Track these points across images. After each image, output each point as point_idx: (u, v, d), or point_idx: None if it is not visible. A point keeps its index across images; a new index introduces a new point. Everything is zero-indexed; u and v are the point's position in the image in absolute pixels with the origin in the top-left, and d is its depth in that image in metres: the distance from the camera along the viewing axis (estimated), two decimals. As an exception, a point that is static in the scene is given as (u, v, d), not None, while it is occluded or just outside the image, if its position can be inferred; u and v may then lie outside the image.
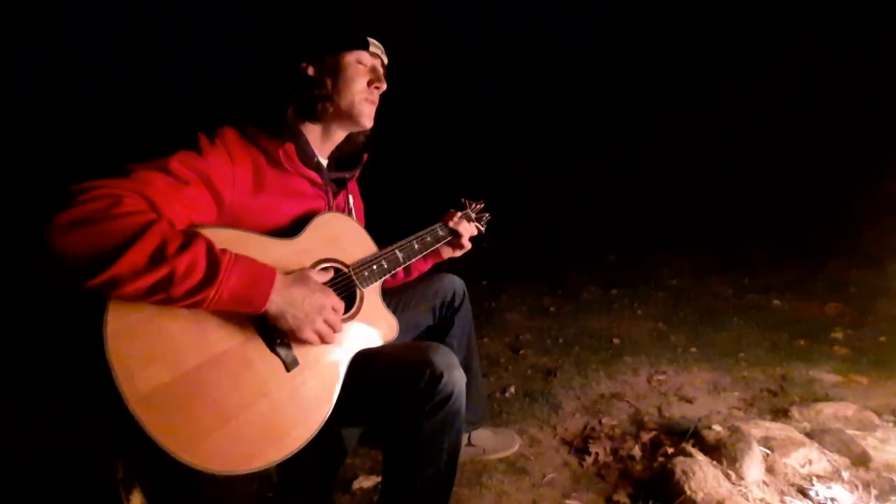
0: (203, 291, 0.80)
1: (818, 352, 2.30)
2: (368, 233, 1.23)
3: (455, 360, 1.05)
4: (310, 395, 0.96)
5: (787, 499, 1.33)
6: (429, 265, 1.53)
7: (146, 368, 0.78)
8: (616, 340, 2.57)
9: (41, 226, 0.74)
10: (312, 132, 1.17)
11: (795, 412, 1.75)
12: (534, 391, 2.07)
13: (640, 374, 2.17)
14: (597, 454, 1.61)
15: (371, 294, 1.15)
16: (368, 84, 1.15)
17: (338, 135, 1.21)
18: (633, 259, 4.13)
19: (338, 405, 1.00)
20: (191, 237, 0.81)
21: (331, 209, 1.18)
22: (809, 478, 1.39)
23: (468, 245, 1.51)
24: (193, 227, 0.88)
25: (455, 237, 1.47)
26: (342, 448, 1.32)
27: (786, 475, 1.40)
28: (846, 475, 1.40)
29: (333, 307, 0.96)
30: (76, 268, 0.74)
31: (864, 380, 2.01)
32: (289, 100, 1.13)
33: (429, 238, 1.39)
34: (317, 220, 1.08)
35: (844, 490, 1.34)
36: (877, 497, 1.33)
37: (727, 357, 2.29)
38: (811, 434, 1.56)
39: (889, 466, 1.43)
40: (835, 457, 1.46)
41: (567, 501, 1.43)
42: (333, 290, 1.04)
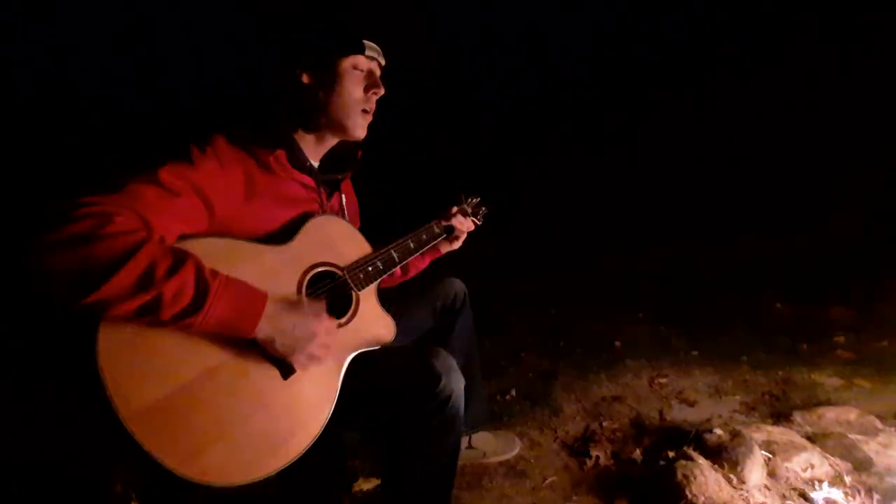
0: (191, 317, 0.79)
1: (821, 355, 2.29)
2: (364, 232, 1.21)
3: (454, 364, 1.05)
4: (308, 402, 0.96)
5: (789, 503, 1.32)
6: (427, 262, 1.52)
7: (140, 384, 0.77)
8: (617, 343, 2.56)
9: (29, 243, 0.74)
10: (305, 139, 1.14)
11: (797, 416, 1.74)
12: (534, 394, 2.07)
13: (642, 377, 2.16)
14: (597, 457, 1.61)
15: (367, 296, 1.14)
16: (365, 90, 1.12)
17: (331, 142, 1.18)
18: (635, 261, 4.12)
19: (337, 409, 0.99)
20: (181, 259, 0.80)
21: (324, 212, 1.16)
22: (811, 482, 1.39)
23: (464, 236, 1.51)
24: (184, 237, 0.88)
25: (451, 234, 1.46)
26: (342, 450, 1.33)
27: (787, 479, 1.40)
28: (848, 480, 1.39)
29: (327, 333, 0.94)
30: (64, 288, 0.73)
31: (867, 384, 2.00)
32: (281, 107, 1.11)
33: (424, 236, 1.38)
34: (309, 224, 1.06)
35: (846, 495, 1.33)
36: (879, 502, 1.32)
37: (729, 360, 2.28)
38: (813, 438, 1.55)
39: (891, 471, 1.42)
40: (837, 461, 1.45)
41: (567, 505, 1.43)
42: (328, 296, 1.04)
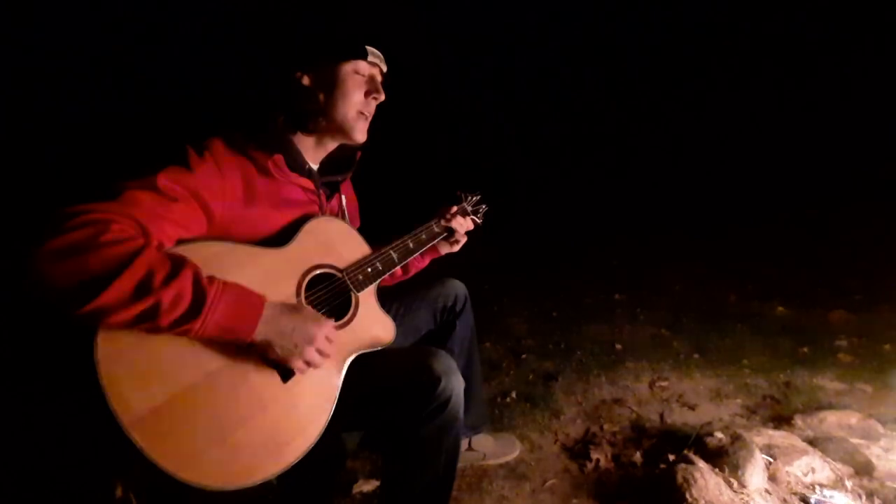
0: (188, 323, 0.79)
1: (822, 359, 2.29)
2: (364, 232, 1.21)
3: (454, 365, 1.05)
4: (307, 405, 0.95)
5: (790, 507, 1.32)
6: (426, 262, 1.51)
7: (140, 390, 0.77)
8: (618, 346, 2.56)
9: (27, 253, 0.74)
10: (303, 142, 1.14)
11: (798, 420, 1.73)
12: (535, 396, 2.06)
13: (642, 380, 2.16)
14: (598, 460, 1.61)
15: (367, 298, 1.14)
16: (366, 95, 1.12)
17: (330, 145, 1.18)
18: (636, 264, 4.11)
19: (336, 410, 0.99)
20: (178, 266, 0.79)
21: (324, 214, 1.15)
22: (812, 486, 1.38)
23: (464, 238, 1.47)
24: (183, 241, 0.88)
25: (451, 233, 1.44)
26: (342, 452, 1.32)
27: (788, 483, 1.39)
28: (849, 484, 1.39)
29: (327, 336, 0.94)
30: (63, 297, 0.73)
31: (869, 388, 2.00)
32: (280, 109, 1.11)
33: (424, 235, 1.36)
34: (308, 226, 1.06)
35: (847, 499, 1.33)
36: (880, 506, 1.32)
37: (730, 364, 2.28)
38: (814, 442, 1.55)
39: (893, 476, 1.42)
40: (838, 465, 1.45)
41: (567, 508, 1.43)
42: (327, 297, 1.04)
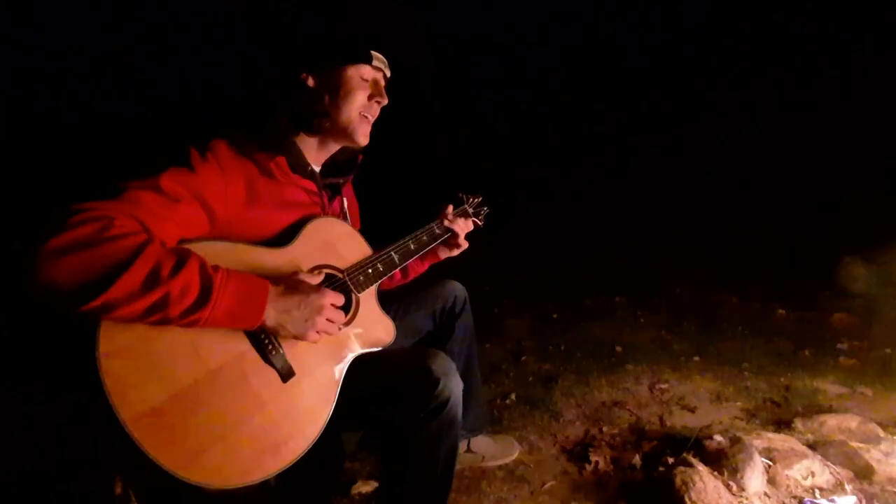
0: (198, 311, 0.80)
1: (823, 362, 2.28)
2: (365, 234, 1.21)
3: (453, 367, 1.05)
4: (306, 405, 0.96)
5: (789, 511, 1.32)
6: (426, 266, 1.50)
7: (140, 388, 0.78)
8: (618, 348, 2.55)
9: (30, 250, 0.73)
10: (306, 143, 1.15)
11: (798, 423, 1.73)
12: (534, 398, 2.06)
13: (642, 383, 2.16)
14: (597, 462, 1.60)
15: (367, 298, 1.15)
16: (369, 98, 1.13)
17: (333, 147, 1.19)
18: (637, 266, 4.11)
19: (335, 411, 0.99)
20: (184, 257, 0.81)
21: (326, 215, 1.16)
22: (812, 490, 1.38)
23: (465, 244, 1.45)
24: (185, 241, 0.88)
25: (452, 235, 1.42)
26: (340, 452, 1.33)
27: (788, 487, 1.39)
28: (849, 488, 1.38)
29: (332, 303, 0.95)
30: (70, 293, 0.73)
31: (869, 391, 1.99)
32: (283, 110, 1.11)
33: (425, 237, 1.35)
34: (309, 227, 1.07)
35: (847, 503, 1.32)
36: (880, 511, 1.31)
37: (730, 366, 2.28)
38: (814, 446, 1.54)
39: (893, 480, 1.41)
40: (838, 469, 1.45)
41: (566, 510, 1.42)
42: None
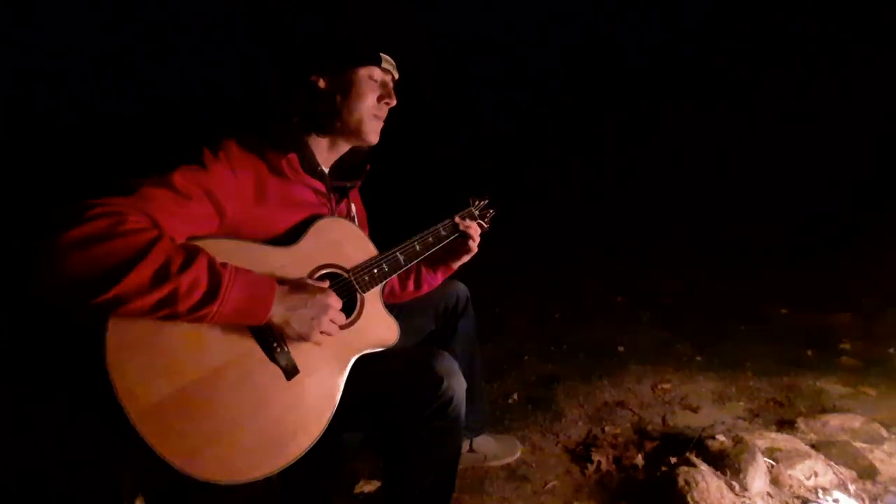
0: (207, 306, 0.81)
1: (826, 362, 2.27)
2: (373, 240, 1.22)
3: (456, 367, 1.05)
4: (310, 403, 0.97)
5: (792, 511, 1.31)
6: (439, 278, 1.48)
7: (147, 383, 0.79)
8: (621, 348, 2.55)
9: (41, 244, 0.74)
10: (317, 143, 1.16)
11: (801, 423, 1.72)
12: (537, 398, 2.06)
13: (645, 383, 2.16)
14: (599, 462, 1.60)
15: (372, 298, 1.15)
16: (378, 100, 1.15)
17: (342, 147, 1.21)
18: (639, 266, 4.11)
19: (338, 410, 1.00)
20: (193, 253, 0.82)
21: (333, 215, 1.17)
22: (815, 490, 1.38)
23: (475, 248, 1.44)
24: (193, 239, 0.89)
25: (459, 237, 1.41)
26: (343, 452, 1.33)
27: (791, 487, 1.39)
28: (852, 488, 1.38)
29: (336, 302, 0.97)
30: (80, 287, 0.74)
31: (873, 391, 1.98)
32: (295, 110, 1.13)
33: (431, 238, 1.34)
34: (316, 226, 1.07)
35: (850, 503, 1.32)
36: (883, 511, 1.31)
37: (733, 366, 2.27)
38: (817, 446, 1.54)
39: (896, 480, 1.41)
40: (841, 469, 1.44)
41: (568, 510, 1.42)
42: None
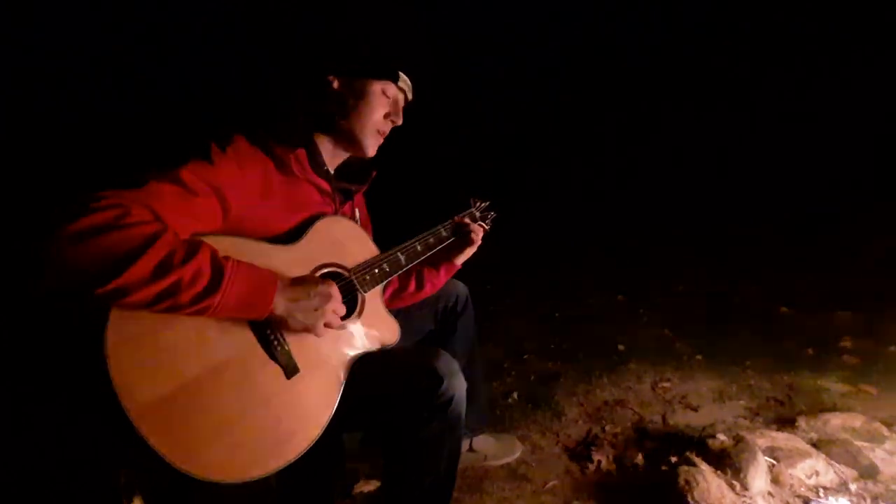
0: (209, 298, 0.81)
1: (826, 361, 2.27)
2: (376, 243, 1.22)
3: (456, 366, 1.05)
4: (310, 403, 0.96)
5: (793, 511, 1.31)
6: (443, 278, 1.47)
7: (146, 380, 0.79)
8: (621, 347, 2.55)
9: (48, 234, 0.75)
10: (323, 143, 1.16)
11: (802, 422, 1.72)
12: (537, 397, 2.06)
13: (645, 381, 2.15)
14: (599, 462, 1.60)
15: (373, 298, 1.15)
16: (385, 116, 1.16)
17: (342, 154, 1.21)
18: (640, 265, 4.10)
19: (338, 410, 0.99)
20: (195, 246, 0.83)
21: (335, 214, 1.17)
22: (816, 489, 1.37)
23: (479, 240, 1.44)
24: (196, 235, 0.89)
25: (460, 238, 1.42)
26: (343, 452, 1.33)
27: (791, 486, 1.38)
28: (853, 487, 1.38)
29: (339, 293, 0.98)
30: (83, 277, 0.75)
31: (874, 390, 1.97)
32: (305, 108, 1.14)
33: (431, 239, 1.34)
34: (318, 225, 1.07)
35: (851, 503, 1.32)
36: (884, 511, 1.31)
37: (733, 365, 2.27)
38: (818, 445, 1.54)
39: (898, 479, 1.41)
40: (842, 468, 1.44)
41: (568, 509, 1.42)
42: None
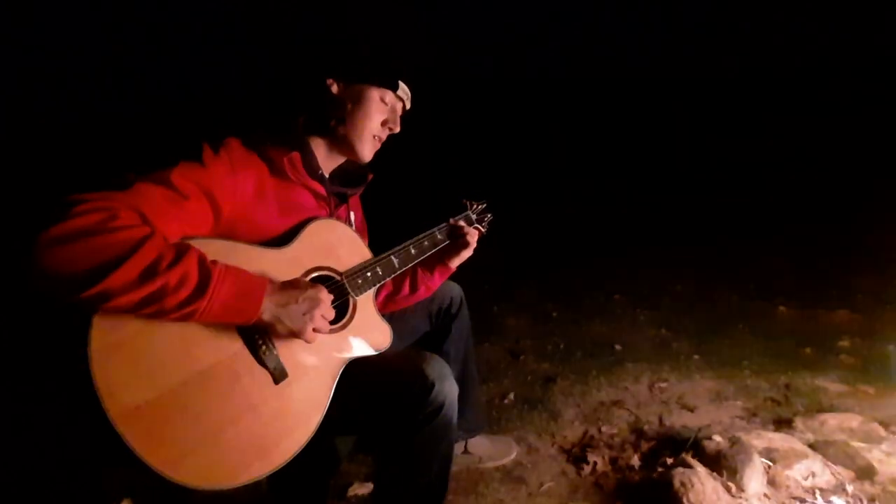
0: (195, 303, 0.80)
1: (824, 360, 2.26)
2: (372, 246, 1.20)
3: (448, 371, 1.04)
4: (298, 408, 0.95)
5: (789, 513, 1.30)
6: (437, 281, 1.43)
7: (130, 385, 0.77)
8: (618, 347, 2.53)
9: (33, 236, 0.73)
10: (319, 146, 1.16)
11: (799, 422, 1.72)
12: (533, 398, 2.05)
13: (642, 382, 2.14)
14: (595, 463, 1.59)
15: (365, 302, 1.13)
16: (383, 123, 1.15)
17: (338, 158, 1.21)
18: (637, 264, 4.09)
19: (329, 414, 0.98)
20: (183, 250, 0.81)
21: (327, 217, 1.15)
22: (812, 491, 1.37)
23: (474, 244, 1.40)
24: (185, 239, 0.87)
25: (455, 241, 1.39)
26: (335, 456, 1.31)
27: (788, 488, 1.38)
28: (850, 489, 1.37)
29: (329, 297, 0.96)
30: (68, 280, 0.73)
31: (871, 390, 1.97)
32: (302, 110, 1.13)
33: (426, 242, 1.32)
34: (310, 228, 1.05)
35: (848, 504, 1.31)
36: (881, 512, 1.30)
37: (730, 365, 2.26)
38: (815, 445, 1.53)
39: (895, 480, 1.40)
40: (839, 469, 1.43)
41: (564, 512, 1.41)
42: None
